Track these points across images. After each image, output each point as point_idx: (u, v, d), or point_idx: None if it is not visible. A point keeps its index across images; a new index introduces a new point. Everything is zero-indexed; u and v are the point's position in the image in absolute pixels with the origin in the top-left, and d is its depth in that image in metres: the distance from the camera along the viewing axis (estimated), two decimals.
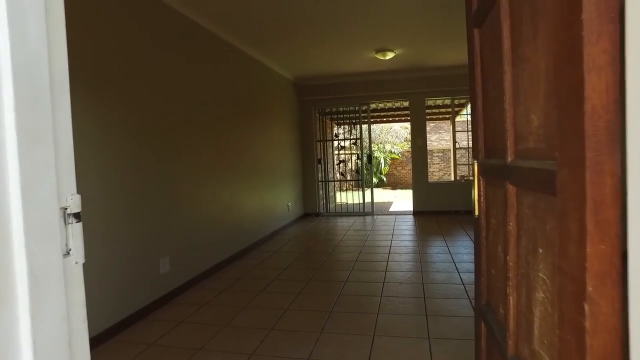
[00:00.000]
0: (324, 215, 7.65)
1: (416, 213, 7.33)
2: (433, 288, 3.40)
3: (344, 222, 6.90)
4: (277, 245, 5.23)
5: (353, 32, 4.66)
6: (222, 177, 4.35)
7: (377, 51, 5.41)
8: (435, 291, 3.32)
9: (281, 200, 6.28)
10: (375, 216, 7.49)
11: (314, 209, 7.61)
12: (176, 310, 3.14)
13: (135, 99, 3.00)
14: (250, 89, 5.23)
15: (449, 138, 17.29)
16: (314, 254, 4.78)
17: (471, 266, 3.99)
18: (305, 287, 3.54)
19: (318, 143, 7.71)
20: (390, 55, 5.48)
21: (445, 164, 15.59)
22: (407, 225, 6.39)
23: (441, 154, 15.76)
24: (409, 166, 16.37)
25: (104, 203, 2.64)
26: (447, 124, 17.10)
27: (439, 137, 17.38)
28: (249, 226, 4.99)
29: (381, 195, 12.49)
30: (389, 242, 5.18)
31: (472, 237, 5.47)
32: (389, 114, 10.11)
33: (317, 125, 7.77)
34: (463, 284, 3.48)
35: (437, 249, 4.74)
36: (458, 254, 4.47)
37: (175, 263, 3.41)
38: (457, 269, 3.94)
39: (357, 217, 7.40)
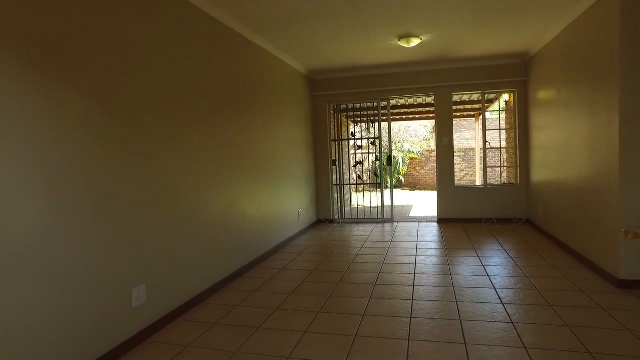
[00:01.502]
0: (338, 222, 6.96)
1: (441, 220, 6.58)
2: (474, 328, 2.69)
3: (360, 231, 6.20)
4: (285, 261, 4.57)
5: (373, 14, 3.95)
6: (219, 182, 3.70)
7: (401, 37, 4.69)
8: (478, 334, 2.61)
9: (291, 207, 5.62)
10: (395, 223, 6.77)
11: (328, 214, 6.93)
12: (148, 355, 2.49)
13: (106, 85, 2.36)
14: (256, 82, 4.56)
15: (471, 137, 16.41)
16: (325, 273, 4.10)
17: (517, 295, 3.26)
18: (313, 323, 2.87)
19: (333, 142, 7.03)
20: (415, 42, 4.75)
21: (467, 164, 14.72)
22: (432, 236, 5.66)
23: (462, 154, 14.87)
24: (428, 166, 15.56)
25: (49, 213, 2.01)
26: (468, 122, 16.23)
27: (460, 136, 16.53)
28: (251, 238, 4.34)
29: (400, 197, 11.74)
30: (413, 259, 4.47)
31: (509, 253, 4.78)
32: (409, 110, 9.35)
33: (332, 123, 7.08)
34: (512, 322, 2.76)
35: (471, 269, 4.01)
36: (497, 277, 3.74)
37: (154, 291, 2.77)
38: (499, 297, 3.21)
39: (375, 225, 6.69)
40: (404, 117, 10.57)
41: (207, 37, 3.58)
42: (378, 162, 7.04)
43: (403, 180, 15.41)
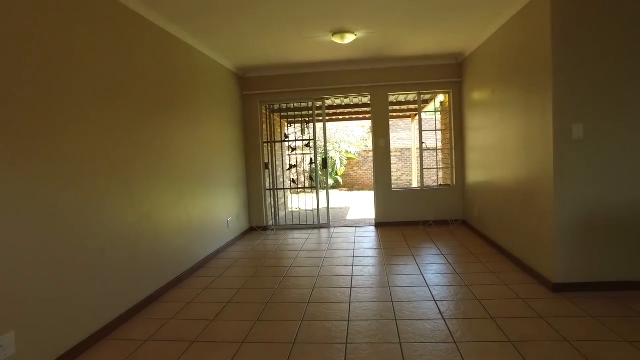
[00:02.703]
0: (272, 229, 6.55)
1: (379, 224, 6.41)
2: (416, 352, 2.42)
3: (295, 239, 5.85)
4: (210, 278, 4.10)
5: (304, 5, 3.61)
6: (128, 192, 3.17)
7: (334, 33, 4.40)
8: (420, 358, 2.35)
9: (219, 216, 5.14)
10: (332, 229, 6.49)
11: (261, 221, 6.50)
12: None
13: None
14: (175, 79, 4.04)
15: (407, 136, 16.69)
16: (255, 290, 3.70)
17: (458, 308, 3.06)
18: (235, 359, 2.46)
19: (265, 145, 6.61)
20: (349, 38, 4.48)
21: (403, 164, 14.93)
22: (369, 242, 5.44)
23: (399, 154, 15.07)
24: (366, 166, 15.59)
25: None
26: (404, 122, 16.49)
27: (396, 136, 16.76)
28: (171, 254, 3.83)
29: (338, 198, 11.56)
30: (349, 269, 4.19)
31: (448, 258, 4.66)
32: (345, 111, 9.15)
33: (265, 124, 6.66)
34: (455, 341, 2.54)
35: (410, 279, 3.80)
36: (437, 287, 3.55)
37: (28, 338, 2.22)
38: (440, 312, 3.00)
39: (311, 231, 6.37)
40: (340, 117, 10.38)
41: (111, 24, 3.03)
42: (313, 164, 6.74)
43: (341, 180, 15.33)
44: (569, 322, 2.77)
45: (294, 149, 6.97)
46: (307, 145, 6.65)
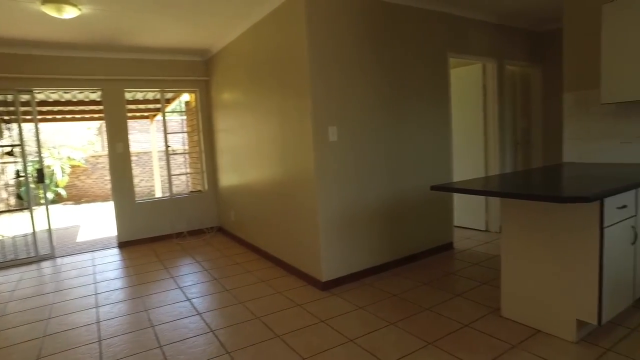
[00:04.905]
0: None
1: (123, 244, 5.38)
2: None
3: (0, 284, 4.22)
4: None
5: None
6: None
7: (47, 1, 3.26)
8: None
9: None
10: (58, 259, 5.04)
11: None
12: None
13: None
14: None
15: (144, 139, 15.28)
16: None
17: (241, 333, 2.70)
18: None
19: None
20: (70, 13, 3.41)
21: (141, 170, 13.56)
22: (115, 269, 4.43)
23: (136, 158, 13.58)
24: (96, 174, 13.40)
25: None
26: (140, 124, 15.05)
27: (131, 139, 15.07)
28: None
29: (62, 215, 9.39)
30: (94, 314, 3.21)
31: (213, 273, 4.11)
32: (67, 109, 7.38)
33: None
34: None
35: (176, 309, 3.19)
36: (210, 312, 3.09)
37: None
38: (221, 344, 2.56)
39: (26, 268, 4.74)
40: (59, 116, 8.36)
41: None
42: (22, 177, 5.07)
43: (64, 193, 12.66)
44: (346, 319, 2.82)
45: None
46: (10, 153, 4.95)
